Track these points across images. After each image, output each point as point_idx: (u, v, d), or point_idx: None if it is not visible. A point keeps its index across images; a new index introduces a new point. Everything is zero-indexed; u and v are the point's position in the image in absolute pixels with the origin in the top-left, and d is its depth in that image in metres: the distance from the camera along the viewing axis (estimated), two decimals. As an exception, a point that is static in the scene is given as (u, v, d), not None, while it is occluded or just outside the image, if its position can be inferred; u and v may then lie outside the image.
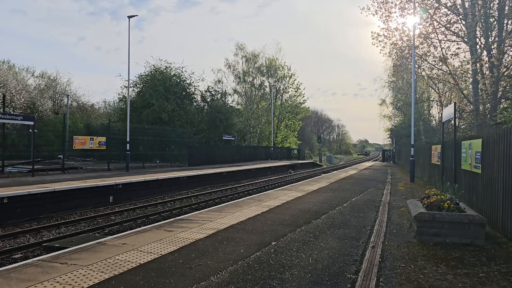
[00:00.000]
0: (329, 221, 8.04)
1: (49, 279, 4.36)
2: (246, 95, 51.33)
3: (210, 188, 20.12)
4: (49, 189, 12.10)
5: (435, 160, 15.29)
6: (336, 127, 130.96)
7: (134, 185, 15.71)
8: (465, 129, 22.88)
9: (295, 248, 5.81)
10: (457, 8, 18.68)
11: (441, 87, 31.23)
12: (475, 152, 8.35)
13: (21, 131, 30.74)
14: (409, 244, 6.22)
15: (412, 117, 19.99)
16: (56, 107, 42.45)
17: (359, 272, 4.75)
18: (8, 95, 31.77)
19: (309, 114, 68.58)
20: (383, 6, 20.07)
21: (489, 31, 17.68)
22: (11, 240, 9.29)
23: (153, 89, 33.06)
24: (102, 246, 5.88)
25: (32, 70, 47.26)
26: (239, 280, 4.40)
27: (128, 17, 23.57)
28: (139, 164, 25.21)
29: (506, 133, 6.48)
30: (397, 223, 8.00)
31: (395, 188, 15.07)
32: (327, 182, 17.21)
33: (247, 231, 6.92)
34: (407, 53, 22.64)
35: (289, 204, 10.28)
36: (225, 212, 8.91)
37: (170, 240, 6.25)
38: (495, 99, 17.74)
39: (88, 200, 13.54)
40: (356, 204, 10.46)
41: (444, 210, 6.54)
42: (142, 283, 4.27)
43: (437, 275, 4.66)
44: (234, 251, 5.60)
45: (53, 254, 5.45)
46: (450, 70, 20.66)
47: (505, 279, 4.54)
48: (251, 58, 50.21)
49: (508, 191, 6.31)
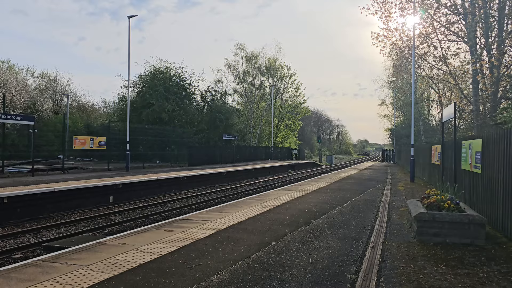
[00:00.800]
0: (329, 221, 8.04)
1: (49, 279, 4.36)
2: (246, 95, 51.35)
3: (210, 188, 20.12)
4: (49, 189, 12.10)
5: (435, 160, 15.29)
6: (336, 127, 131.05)
7: (134, 185, 15.71)
8: (465, 129, 22.88)
9: (295, 248, 5.81)
10: (457, 8, 18.69)
11: (441, 87, 31.25)
12: (475, 152, 8.35)
13: (21, 131, 30.73)
14: (409, 244, 6.22)
15: (412, 117, 19.99)
16: (56, 107, 42.44)
17: (359, 272, 4.75)
18: (8, 95, 31.77)
19: (309, 114, 68.65)
20: (383, 6, 20.10)
21: (489, 31, 17.68)
22: (11, 240, 9.29)
23: (153, 89, 33.06)
24: (102, 246, 5.88)
25: (32, 70, 47.33)
26: (239, 280, 4.39)
27: (128, 17, 23.61)
28: (139, 164, 25.21)
29: (506, 133, 6.48)
30: (397, 223, 8.00)
31: (395, 188, 15.07)
32: (327, 182, 17.21)
33: (247, 231, 6.92)
34: (407, 53, 22.63)
35: (289, 204, 10.28)
36: (225, 212, 8.91)
37: (170, 240, 6.25)
38: (495, 99, 17.74)
39: (88, 200, 13.53)
40: (356, 204, 10.46)
41: (444, 210, 6.54)
42: (142, 283, 4.26)
43: (437, 275, 4.66)
44: (234, 251, 5.60)
45: (53, 254, 5.45)
46: (450, 70, 20.67)
47: (505, 279, 4.54)
48: (251, 58, 50.24)
49: (508, 191, 6.31)
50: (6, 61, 44.06)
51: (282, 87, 53.02)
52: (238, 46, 50.31)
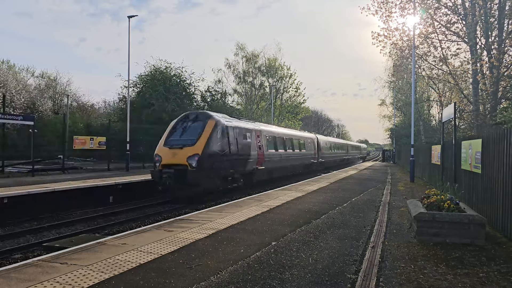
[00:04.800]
0: (329, 221, 8.04)
1: (49, 279, 4.36)
2: (246, 95, 51.32)
3: (210, 188, 20.07)
4: (49, 189, 12.10)
5: (435, 160, 15.29)
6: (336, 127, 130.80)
7: (134, 185, 15.70)
8: (465, 129, 22.88)
9: (295, 248, 5.81)
10: (457, 8, 18.69)
11: (441, 87, 31.21)
12: (475, 152, 8.35)
13: (21, 131, 30.71)
14: (409, 244, 6.22)
15: (412, 117, 20.00)
16: (56, 107, 42.44)
17: (359, 272, 4.75)
18: (8, 95, 31.76)
19: (309, 114, 68.60)
20: (383, 6, 20.11)
21: (489, 31, 17.68)
22: (11, 240, 9.29)
23: (153, 89, 33.05)
24: (102, 246, 5.88)
25: (32, 70, 47.42)
26: (239, 280, 4.39)
27: (128, 17, 23.67)
28: (139, 164, 25.19)
29: (506, 133, 6.48)
30: (397, 223, 8.00)
31: (395, 188, 15.07)
32: (327, 182, 17.21)
33: (247, 231, 6.92)
34: (407, 53, 22.63)
35: (289, 204, 10.28)
36: (225, 212, 8.91)
37: (170, 240, 6.25)
38: (495, 99, 17.75)
39: (88, 200, 13.52)
40: (356, 204, 10.46)
41: (444, 210, 6.54)
42: (142, 283, 4.27)
43: (437, 275, 4.66)
44: (234, 251, 5.60)
45: (53, 254, 5.45)
46: (450, 70, 20.67)
47: (505, 279, 4.54)
48: (251, 58, 50.21)
49: (508, 191, 6.31)
50: (6, 61, 44.14)
51: (282, 87, 53.00)
52: (238, 46, 50.33)
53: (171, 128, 15.26)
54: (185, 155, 13.53)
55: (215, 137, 14.18)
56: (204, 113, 15.81)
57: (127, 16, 23.74)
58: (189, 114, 15.78)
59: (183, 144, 13.88)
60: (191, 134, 14.28)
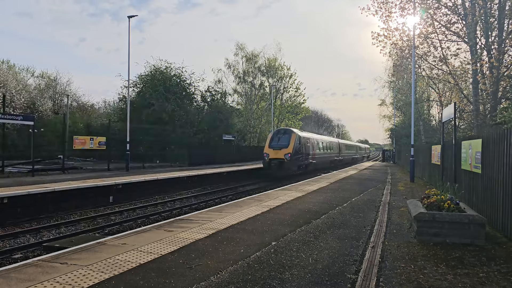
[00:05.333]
0: (329, 221, 8.04)
1: (49, 279, 4.36)
2: (246, 95, 51.30)
3: (210, 188, 20.12)
4: (49, 189, 12.11)
5: (435, 160, 15.29)
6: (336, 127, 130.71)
7: (134, 185, 15.71)
8: (465, 129, 22.87)
9: (295, 248, 5.81)
10: (457, 8, 18.67)
11: (441, 87, 31.19)
12: (475, 152, 8.35)
13: (21, 131, 30.71)
14: (409, 244, 6.22)
15: (412, 117, 20.00)
16: (56, 107, 42.42)
17: (359, 272, 4.75)
18: (8, 95, 31.75)
19: (309, 114, 68.51)
20: (383, 6, 20.06)
21: (489, 31, 17.66)
22: (11, 240, 9.30)
23: (153, 89, 33.06)
24: (102, 246, 5.88)
25: (32, 70, 47.32)
26: (239, 280, 4.40)
27: (128, 17, 23.67)
28: (139, 164, 25.21)
29: (506, 133, 6.48)
30: (397, 223, 8.00)
31: (395, 188, 15.07)
32: (327, 182, 17.21)
33: (247, 231, 6.92)
34: (407, 53, 22.61)
35: (289, 204, 10.28)
36: (225, 212, 8.91)
37: (170, 240, 6.25)
38: (495, 99, 17.73)
39: (88, 200, 13.54)
40: (356, 204, 10.46)
41: (444, 210, 6.54)
42: (142, 283, 4.27)
43: (437, 275, 4.66)
44: (234, 251, 5.60)
45: (53, 254, 5.45)
46: (450, 70, 20.66)
47: (505, 279, 4.54)
48: (251, 58, 50.18)
49: (508, 191, 6.31)
50: (6, 61, 44.10)
51: (282, 87, 52.96)
52: (238, 46, 50.29)
53: (271, 138, 26.02)
54: (283, 153, 24.40)
55: (297, 143, 25.14)
56: (289, 129, 27.26)
57: (127, 16, 23.76)
58: (280, 130, 27.09)
59: (280, 147, 24.78)
60: (284, 141, 25.11)
